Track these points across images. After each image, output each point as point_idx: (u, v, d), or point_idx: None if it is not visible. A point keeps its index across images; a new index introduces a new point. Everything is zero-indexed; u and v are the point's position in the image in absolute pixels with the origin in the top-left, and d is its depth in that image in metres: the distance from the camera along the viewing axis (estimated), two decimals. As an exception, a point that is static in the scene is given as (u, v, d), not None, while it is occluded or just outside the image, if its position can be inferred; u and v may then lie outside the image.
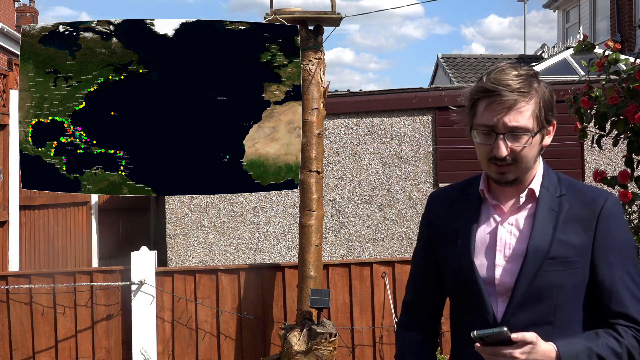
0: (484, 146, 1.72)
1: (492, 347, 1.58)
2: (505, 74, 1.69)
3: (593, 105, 3.66)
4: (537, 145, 1.73)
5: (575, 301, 1.71)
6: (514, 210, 1.78)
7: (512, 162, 1.70)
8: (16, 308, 5.06)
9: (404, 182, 8.12)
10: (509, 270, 1.72)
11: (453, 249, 1.79)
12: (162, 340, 5.11)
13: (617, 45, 3.59)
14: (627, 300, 1.69)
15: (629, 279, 1.71)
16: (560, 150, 8.20)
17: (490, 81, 1.69)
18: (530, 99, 1.69)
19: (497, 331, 1.55)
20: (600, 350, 1.63)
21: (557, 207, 1.74)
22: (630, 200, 3.45)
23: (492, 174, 1.75)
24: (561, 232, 1.71)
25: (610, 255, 1.72)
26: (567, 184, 1.80)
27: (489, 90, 1.68)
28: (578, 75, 10.90)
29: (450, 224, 1.83)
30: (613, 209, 1.75)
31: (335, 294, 5.15)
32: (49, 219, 8.93)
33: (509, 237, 1.75)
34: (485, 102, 1.69)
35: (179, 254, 8.06)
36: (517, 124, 1.67)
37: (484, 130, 1.70)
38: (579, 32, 14.75)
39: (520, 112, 1.68)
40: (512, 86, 1.67)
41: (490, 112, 1.68)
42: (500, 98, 1.67)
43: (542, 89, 1.72)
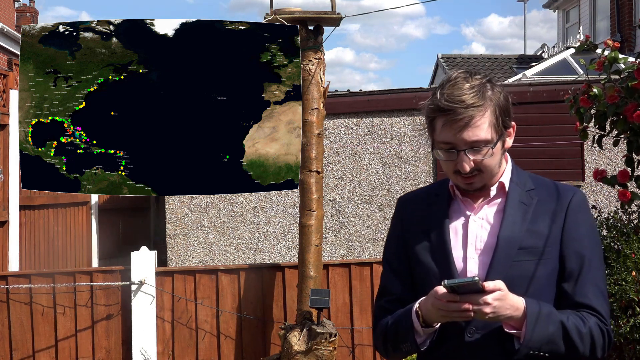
0: (448, 162, 1.75)
1: (464, 296, 1.59)
2: (459, 88, 1.70)
3: (593, 105, 3.66)
4: (499, 152, 1.76)
5: (547, 291, 1.74)
6: (484, 204, 1.81)
7: (477, 172, 1.74)
8: (16, 308, 5.06)
9: (404, 182, 8.12)
10: (480, 262, 1.75)
11: (427, 244, 1.81)
12: (162, 340, 5.11)
13: (616, 44, 3.59)
14: (590, 292, 1.73)
15: (594, 272, 1.75)
16: (560, 150, 8.20)
17: (444, 98, 1.70)
18: (486, 110, 1.71)
19: (469, 280, 1.57)
20: (565, 320, 1.67)
21: (527, 201, 1.78)
22: (629, 200, 3.46)
23: (460, 184, 1.79)
24: (531, 223, 1.75)
25: (578, 246, 1.75)
26: (536, 180, 1.84)
27: (443, 109, 1.70)
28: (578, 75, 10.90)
29: (422, 221, 1.85)
30: (581, 202, 1.80)
31: (335, 294, 5.15)
32: (49, 219, 8.93)
33: (480, 230, 1.78)
34: (442, 120, 1.72)
35: (179, 254, 8.06)
36: (476, 139, 1.70)
37: (445, 147, 1.73)
38: (579, 32, 14.76)
39: (478, 127, 1.70)
40: (466, 102, 1.68)
41: (449, 130, 1.71)
42: (456, 116, 1.69)
43: (497, 95, 1.74)
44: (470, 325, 1.71)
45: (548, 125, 8.17)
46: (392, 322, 1.82)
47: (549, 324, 1.65)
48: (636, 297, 3.47)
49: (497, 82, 1.81)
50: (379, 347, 1.91)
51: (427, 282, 1.76)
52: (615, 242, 3.79)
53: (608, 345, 1.73)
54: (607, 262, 3.66)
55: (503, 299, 1.61)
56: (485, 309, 1.59)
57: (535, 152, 8.15)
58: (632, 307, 3.51)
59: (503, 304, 1.61)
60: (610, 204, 8.08)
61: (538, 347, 1.65)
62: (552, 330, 1.65)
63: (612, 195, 8.16)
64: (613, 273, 3.58)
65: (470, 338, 1.71)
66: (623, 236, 3.79)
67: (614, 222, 3.96)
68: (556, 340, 1.66)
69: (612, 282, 3.55)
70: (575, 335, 1.67)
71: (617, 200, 3.74)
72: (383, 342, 1.86)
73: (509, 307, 1.62)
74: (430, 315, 1.68)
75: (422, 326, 1.71)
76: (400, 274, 1.89)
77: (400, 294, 1.87)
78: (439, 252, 1.78)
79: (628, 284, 3.49)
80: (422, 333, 1.72)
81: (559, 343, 1.66)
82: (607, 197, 8.28)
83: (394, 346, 1.81)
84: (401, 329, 1.77)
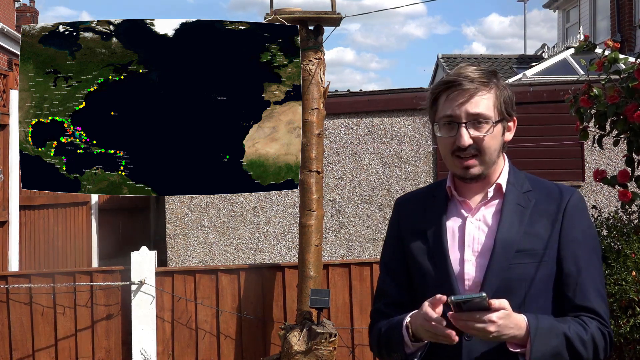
0: (447, 139, 1.75)
1: (468, 313, 1.57)
2: (465, 69, 1.75)
3: (593, 105, 3.66)
4: (499, 136, 1.76)
5: (544, 293, 1.73)
6: (481, 206, 1.80)
7: (475, 153, 1.73)
8: (16, 308, 5.06)
9: (404, 182, 8.12)
10: (477, 265, 1.74)
11: (424, 246, 1.80)
12: (162, 340, 5.11)
13: (616, 44, 3.59)
14: (591, 295, 1.72)
15: (593, 273, 1.75)
16: (560, 150, 8.20)
17: (450, 75, 1.75)
18: (490, 89, 1.74)
19: (476, 297, 1.55)
20: (567, 331, 1.66)
21: (524, 202, 1.78)
22: (630, 200, 3.46)
23: (457, 169, 1.77)
24: (528, 225, 1.74)
25: (576, 248, 1.75)
26: (533, 181, 1.84)
27: (449, 81, 1.73)
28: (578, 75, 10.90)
29: (420, 223, 1.84)
30: (578, 204, 1.79)
31: (335, 294, 5.15)
32: (49, 219, 8.93)
33: (477, 232, 1.77)
34: (446, 94, 1.74)
35: (179, 254, 8.06)
36: (478, 111, 1.71)
37: (446, 120, 1.74)
38: (579, 32, 14.75)
39: (480, 100, 1.72)
40: (471, 76, 1.72)
41: (451, 102, 1.73)
42: (460, 88, 1.72)
43: (502, 85, 1.78)
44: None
45: (548, 125, 8.16)
46: (385, 330, 1.81)
47: (551, 337, 1.64)
48: (636, 297, 3.47)
49: None
50: (374, 350, 1.91)
51: (425, 285, 1.76)
52: (616, 242, 3.80)
53: (610, 347, 1.73)
54: (607, 262, 3.66)
55: (507, 317, 1.59)
56: (490, 327, 1.57)
57: (535, 152, 8.15)
58: (632, 307, 3.51)
59: (507, 323, 1.59)
60: (610, 204, 8.08)
61: None
62: (556, 343, 1.65)
63: (612, 195, 8.16)
64: (613, 273, 3.58)
65: (468, 340, 1.71)
66: (623, 236, 3.79)
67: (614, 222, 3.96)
68: (560, 352, 1.66)
69: (612, 282, 3.55)
70: (578, 344, 1.66)
71: (617, 200, 3.73)
72: (377, 347, 1.87)
73: (512, 327, 1.61)
74: (419, 332, 1.68)
75: (411, 340, 1.70)
76: (397, 276, 1.88)
77: (397, 297, 1.87)
78: (436, 254, 1.78)
79: (628, 284, 3.49)
80: (411, 347, 1.72)
81: (563, 354, 1.66)
82: (607, 197, 8.28)
83: (387, 353, 1.82)
84: (393, 339, 1.77)
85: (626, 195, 3.46)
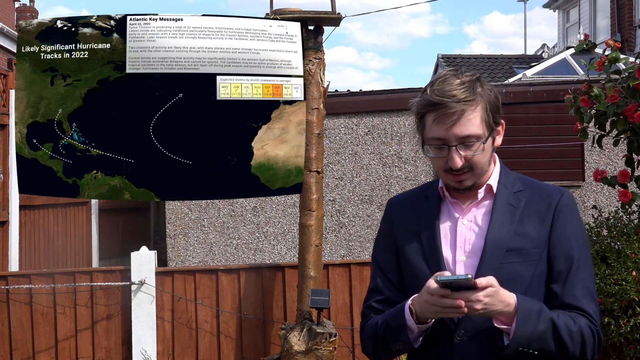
0: (439, 159, 1.74)
1: (456, 293, 1.60)
2: (449, 83, 1.71)
3: (593, 105, 3.66)
4: (489, 149, 1.76)
5: (536, 292, 1.73)
6: (472, 207, 1.81)
7: (467, 169, 1.74)
8: (16, 308, 5.06)
9: (404, 182, 8.12)
10: (469, 265, 1.75)
11: (418, 247, 1.81)
12: (162, 340, 5.11)
13: (617, 44, 3.59)
14: (579, 294, 1.73)
15: (583, 273, 1.75)
16: (560, 150, 8.20)
17: (435, 93, 1.70)
18: (477, 105, 1.71)
19: (462, 277, 1.57)
20: (555, 318, 1.67)
21: (515, 202, 1.78)
22: (630, 200, 3.46)
23: (450, 182, 1.78)
24: (519, 225, 1.75)
25: (566, 248, 1.75)
26: (524, 181, 1.84)
27: (435, 103, 1.70)
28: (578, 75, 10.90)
29: (413, 224, 1.84)
30: (569, 203, 1.79)
31: (335, 294, 5.15)
32: (49, 219, 8.94)
33: (469, 232, 1.78)
34: (433, 115, 1.71)
35: (179, 254, 8.06)
36: (468, 133, 1.70)
37: (436, 144, 1.73)
38: (579, 32, 14.75)
39: (469, 121, 1.70)
40: (457, 96, 1.68)
41: (440, 125, 1.70)
42: (447, 110, 1.68)
43: (487, 92, 1.75)
44: (459, 328, 1.71)
45: (548, 125, 8.16)
46: (382, 321, 1.81)
47: (539, 320, 1.65)
48: (636, 297, 3.47)
49: (491, 81, 1.80)
50: (367, 349, 1.88)
51: (417, 284, 1.75)
52: (616, 242, 3.79)
53: (598, 347, 1.73)
54: (607, 262, 3.65)
55: (494, 295, 1.61)
56: (476, 305, 1.60)
57: (535, 152, 8.15)
58: (632, 307, 3.51)
59: (494, 300, 1.61)
60: (610, 204, 8.08)
61: (527, 344, 1.65)
62: (543, 327, 1.65)
63: (612, 195, 8.16)
64: (613, 273, 3.57)
65: (460, 340, 1.71)
66: (623, 236, 3.78)
67: (614, 222, 3.96)
68: (546, 338, 1.66)
69: (612, 282, 3.54)
70: (565, 333, 1.67)
71: (618, 200, 3.73)
72: (372, 342, 1.85)
73: (499, 303, 1.62)
74: (423, 311, 1.68)
75: (415, 323, 1.70)
76: (390, 275, 1.88)
77: (389, 295, 1.87)
78: (429, 254, 1.79)
79: (628, 284, 3.49)
80: (415, 330, 1.71)
81: (548, 341, 1.66)
82: (607, 197, 8.28)
83: (384, 346, 1.80)
84: (393, 327, 1.76)
85: (626, 195, 3.46)
